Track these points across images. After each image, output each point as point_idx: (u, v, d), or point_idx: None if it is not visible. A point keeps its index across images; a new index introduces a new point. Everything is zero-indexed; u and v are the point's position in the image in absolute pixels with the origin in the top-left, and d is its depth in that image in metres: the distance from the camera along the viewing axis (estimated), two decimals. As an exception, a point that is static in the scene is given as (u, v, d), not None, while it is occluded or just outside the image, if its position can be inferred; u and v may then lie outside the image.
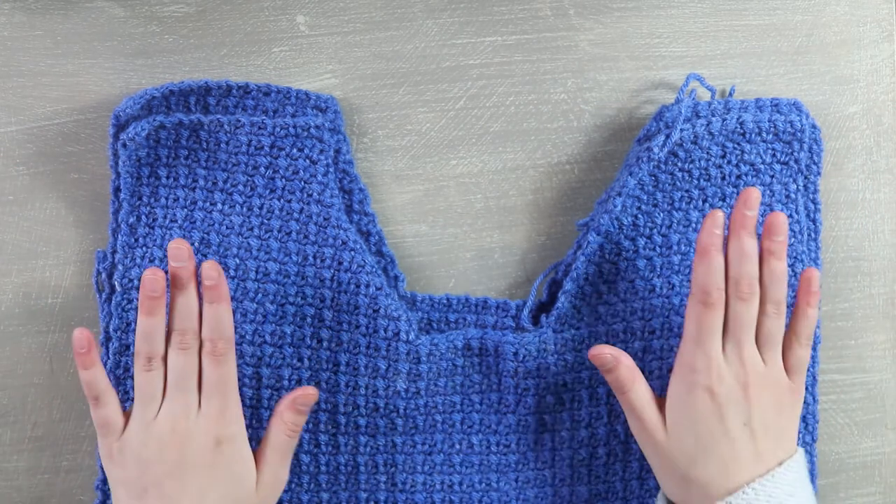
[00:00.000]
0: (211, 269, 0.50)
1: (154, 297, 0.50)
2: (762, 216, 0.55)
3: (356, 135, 0.58)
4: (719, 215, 0.50)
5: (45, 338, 0.57)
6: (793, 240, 0.56)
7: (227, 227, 0.55)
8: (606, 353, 0.52)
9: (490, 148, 0.59)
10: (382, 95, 0.58)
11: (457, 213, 0.59)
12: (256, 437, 0.54)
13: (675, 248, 0.55)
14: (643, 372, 0.54)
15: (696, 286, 0.51)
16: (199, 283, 0.51)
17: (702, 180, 0.55)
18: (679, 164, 0.55)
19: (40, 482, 0.58)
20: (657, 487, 0.56)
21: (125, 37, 0.57)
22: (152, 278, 0.50)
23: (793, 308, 0.52)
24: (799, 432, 0.56)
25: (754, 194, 0.50)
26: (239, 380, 0.54)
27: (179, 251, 0.50)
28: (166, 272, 0.53)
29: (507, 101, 0.59)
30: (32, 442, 0.58)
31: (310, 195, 0.55)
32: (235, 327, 0.54)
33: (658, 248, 0.55)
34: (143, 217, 0.55)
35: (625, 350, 0.55)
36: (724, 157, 0.55)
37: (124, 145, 0.54)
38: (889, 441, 0.60)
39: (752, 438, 0.49)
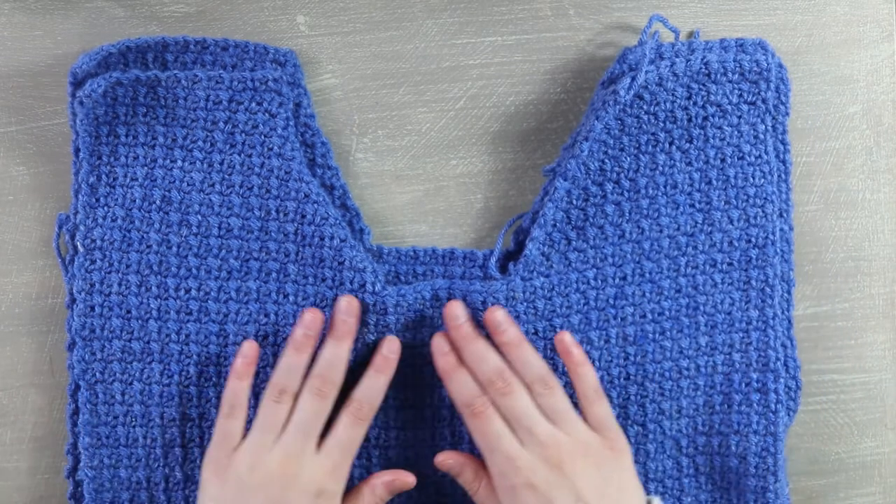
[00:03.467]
0: (392, 343, 0.53)
1: (308, 336, 0.52)
2: (731, 159, 0.55)
3: (356, 135, 0.58)
4: (440, 341, 0.52)
5: (45, 338, 0.57)
6: (762, 181, 0.55)
7: (188, 184, 0.55)
8: (450, 461, 0.53)
9: (490, 148, 0.59)
10: (382, 95, 0.58)
11: (457, 213, 0.59)
12: (219, 395, 0.54)
13: (643, 191, 0.55)
14: (616, 318, 0.55)
15: (458, 405, 0.52)
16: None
17: (668, 122, 0.55)
18: (644, 106, 0.55)
19: (40, 482, 0.58)
20: (636, 424, 0.56)
21: (125, 37, 0.57)
22: (312, 318, 0.52)
23: (568, 375, 0.53)
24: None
25: (451, 308, 0.52)
26: (205, 338, 0.54)
27: (350, 306, 0.52)
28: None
29: (507, 101, 0.59)
30: (32, 442, 0.58)
31: (270, 149, 0.54)
32: (199, 284, 0.54)
33: (626, 193, 0.55)
34: (104, 176, 0.55)
35: (596, 297, 0.55)
36: (689, 98, 0.55)
37: (81, 103, 0.54)
38: (889, 441, 0.60)
39: None
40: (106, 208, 0.54)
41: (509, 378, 0.51)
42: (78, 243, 0.55)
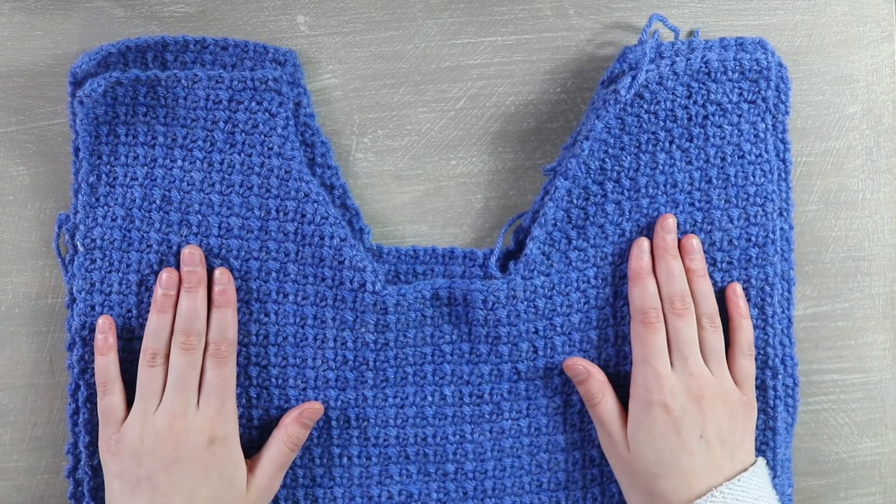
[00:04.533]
0: (222, 275, 0.53)
1: (168, 295, 0.52)
2: (731, 157, 0.55)
3: (356, 135, 0.58)
4: (644, 242, 0.54)
5: (45, 338, 0.57)
6: (763, 180, 0.56)
7: (187, 184, 0.55)
8: (579, 366, 0.54)
9: (490, 148, 0.59)
10: (382, 95, 0.58)
11: (457, 213, 0.59)
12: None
13: (643, 191, 0.55)
14: (616, 316, 0.56)
15: (634, 309, 0.54)
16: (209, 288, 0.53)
17: (668, 122, 0.55)
18: (645, 105, 0.55)
19: (40, 482, 0.58)
20: None
21: (125, 37, 0.57)
22: (169, 277, 0.53)
23: (728, 322, 0.55)
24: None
25: (670, 220, 0.54)
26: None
27: (192, 256, 0.53)
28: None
29: (507, 101, 0.59)
30: (32, 442, 0.58)
31: (270, 149, 0.55)
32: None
33: (626, 192, 0.55)
34: (104, 176, 0.55)
35: (597, 296, 0.55)
36: (689, 97, 0.55)
37: (81, 102, 0.54)
38: (889, 441, 0.60)
39: (708, 450, 0.51)
40: (106, 208, 0.54)
41: (689, 303, 0.53)
42: (78, 243, 0.55)
